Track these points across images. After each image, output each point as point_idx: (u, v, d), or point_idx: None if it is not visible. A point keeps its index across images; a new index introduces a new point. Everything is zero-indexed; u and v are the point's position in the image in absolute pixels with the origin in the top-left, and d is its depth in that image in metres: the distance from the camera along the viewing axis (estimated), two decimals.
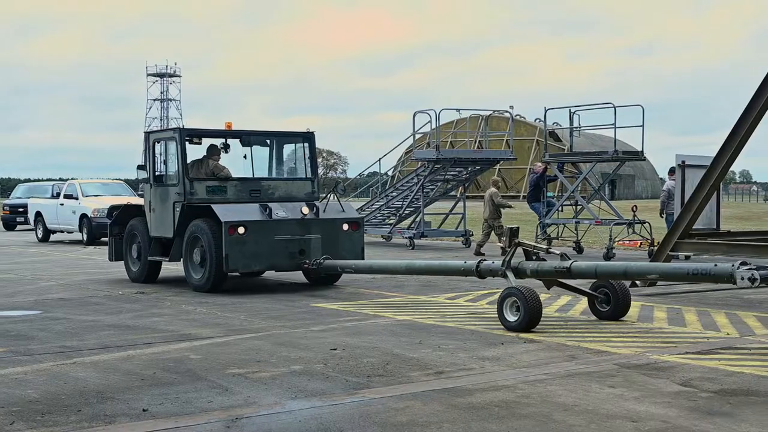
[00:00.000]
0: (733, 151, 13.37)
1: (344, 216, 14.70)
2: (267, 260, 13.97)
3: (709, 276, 9.41)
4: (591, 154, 23.52)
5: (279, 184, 15.27)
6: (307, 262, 13.98)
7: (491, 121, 34.99)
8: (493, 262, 11.27)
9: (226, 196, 14.58)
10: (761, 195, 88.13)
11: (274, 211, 14.00)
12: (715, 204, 19.16)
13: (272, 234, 13.83)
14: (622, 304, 10.66)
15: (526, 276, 10.90)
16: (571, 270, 10.49)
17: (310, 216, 14.26)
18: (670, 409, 6.43)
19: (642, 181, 69.59)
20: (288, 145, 16.10)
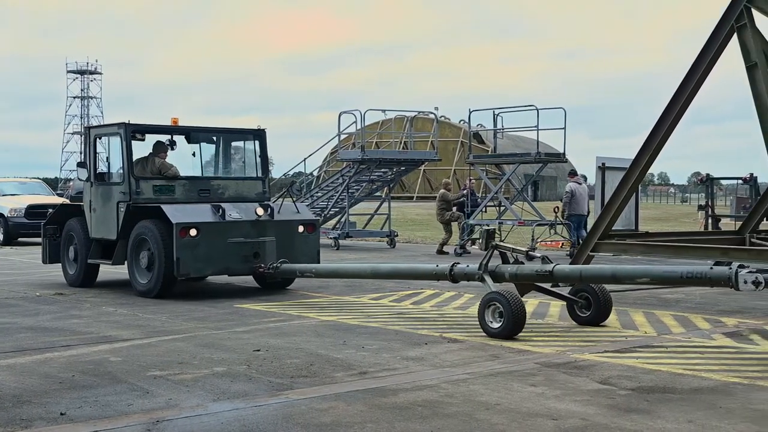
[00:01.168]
0: (651, 153, 13.66)
1: (299, 217, 14.14)
2: (220, 264, 13.26)
3: (706, 279, 8.90)
4: (514, 156, 23.81)
5: (229, 183, 14.58)
6: (263, 266, 13.36)
7: (416, 123, 35.15)
8: (468, 266, 10.70)
9: (174, 195, 13.90)
10: (678, 196, 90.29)
11: (227, 212, 13.37)
12: (633, 205, 19.57)
13: (225, 236, 13.20)
14: (604, 308, 10.32)
15: (504, 280, 10.39)
16: (554, 273, 10.00)
17: (264, 217, 13.63)
18: (590, 406, 6.54)
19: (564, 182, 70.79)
20: (236, 142, 15.47)
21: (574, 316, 10.52)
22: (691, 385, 7.24)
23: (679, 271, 9.17)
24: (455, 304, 12.37)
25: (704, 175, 29.19)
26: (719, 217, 27.85)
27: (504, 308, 9.43)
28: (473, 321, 10.80)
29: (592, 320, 10.35)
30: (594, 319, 10.34)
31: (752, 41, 12.69)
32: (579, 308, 10.47)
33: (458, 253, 21.25)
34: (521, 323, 9.45)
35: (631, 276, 9.79)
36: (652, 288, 13.38)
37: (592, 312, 10.35)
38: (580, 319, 10.45)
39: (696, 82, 13.25)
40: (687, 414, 6.32)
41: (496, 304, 9.55)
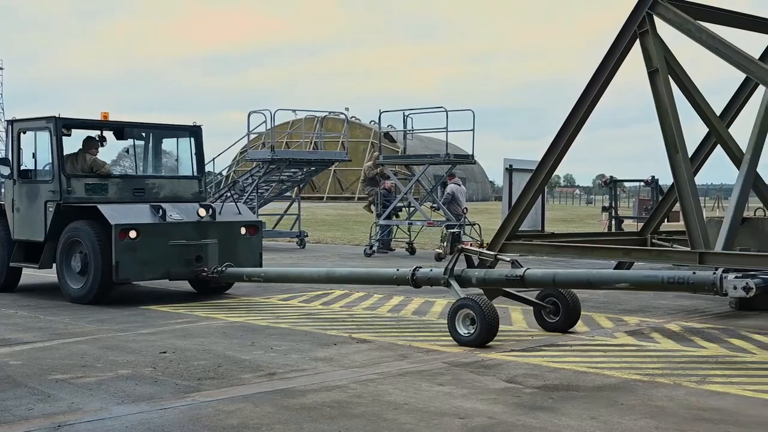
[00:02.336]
0: (556, 156, 13.89)
1: (242, 219, 13.56)
2: (161, 268, 12.53)
3: (688, 285, 8.63)
4: (423, 157, 23.96)
5: (164, 182, 13.88)
6: (206, 270, 12.69)
7: (327, 123, 35.09)
8: (432, 270, 10.31)
9: (107, 195, 13.12)
10: (583, 198, 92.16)
11: (167, 213, 12.69)
12: (540, 206, 19.92)
13: (166, 239, 12.50)
14: (573, 314, 10.00)
15: (471, 285, 10.00)
16: (525, 279, 9.61)
17: (206, 218, 12.99)
18: (496, 405, 6.63)
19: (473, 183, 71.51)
20: (171, 139, 14.69)
21: (542, 322, 10.14)
22: (595, 383, 7.40)
23: (660, 276, 8.88)
24: (364, 305, 12.39)
25: (608, 177, 29.83)
26: (622, 219, 28.48)
27: (476, 315, 9.03)
28: (382, 321, 10.84)
29: (561, 326, 9.97)
30: (562, 324, 9.97)
31: (654, 47, 13.02)
32: (547, 314, 10.10)
33: (367, 254, 21.29)
34: (494, 330, 9.09)
35: (607, 281, 9.49)
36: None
37: (560, 318, 9.99)
38: (547, 324, 10.06)
39: (600, 87, 13.52)
40: (590, 411, 6.46)
41: (466, 311, 9.13)
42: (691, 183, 12.81)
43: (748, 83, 14.56)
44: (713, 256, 12.00)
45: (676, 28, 13.05)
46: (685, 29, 12.94)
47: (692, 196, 12.66)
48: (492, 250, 14.41)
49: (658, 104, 12.98)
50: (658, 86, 12.95)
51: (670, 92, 12.96)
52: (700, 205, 12.92)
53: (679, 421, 6.20)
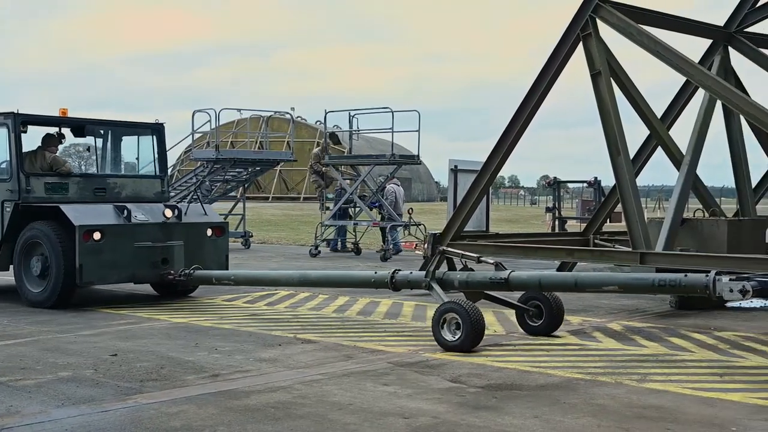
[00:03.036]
0: (501, 157, 14.01)
1: (208, 220, 13.17)
2: (126, 271, 12.14)
3: (680, 287, 8.50)
4: (369, 157, 23.97)
5: (127, 182, 13.47)
6: (173, 273, 12.34)
7: (273, 123, 34.92)
8: (411, 272, 10.13)
9: (68, 194, 12.65)
10: (528, 199, 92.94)
11: (132, 214, 12.28)
12: (485, 207, 20.03)
13: (132, 240, 12.11)
14: (557, 317, 9.77)
15: (453, 288, 9.76)
16: (510, 281, 9.39)
17: (172, 219, 12.61)
18: (440, 404, 6.66)
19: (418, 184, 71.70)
20: (131, 137, 14.22)
21: (524, 325, 9.89)
22: (538, 382, 7.47)
23: (650, 278, 8.74)
24: (309, 305, 12.36)
25: (552, 178, 30.18)
26: (565, 219, 28.81)
27: (462, 319, 8.78)
28: (327, 321, 10.83)
29: (544, 330, 9.74)
30: (546, 328, 9.74)
31: (596, 50, 13.19)
32: (530, 317, 9.85)
33: (313, 254, 21.25)
34: (481, 335, 8.87)
35: (596, 283, 9.26)
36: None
37: (544, 321, 9.75)
38: (530, 328, 9.83)
39: (544, 89, 13.66)
40: (533, 410, 6.51)
41: (452, 315, 8.87)
42: (633, 184, 13.01)
43: (688, 86, 14.83)
44: (654, 257, 12.21)
45: (619, 31, 13.24)
46: (627, 33, 13.13)
47: (633, 198, 12.86)
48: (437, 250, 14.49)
49: (600, 106, 13.15)
50: (601, 89, 13.13)
51: (613, 95, 13.15)
52: (641, 206, 13.12)
53: (620, 419, 6.28)
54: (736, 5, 15.00)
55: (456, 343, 8.78)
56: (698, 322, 10.87)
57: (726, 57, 14.93)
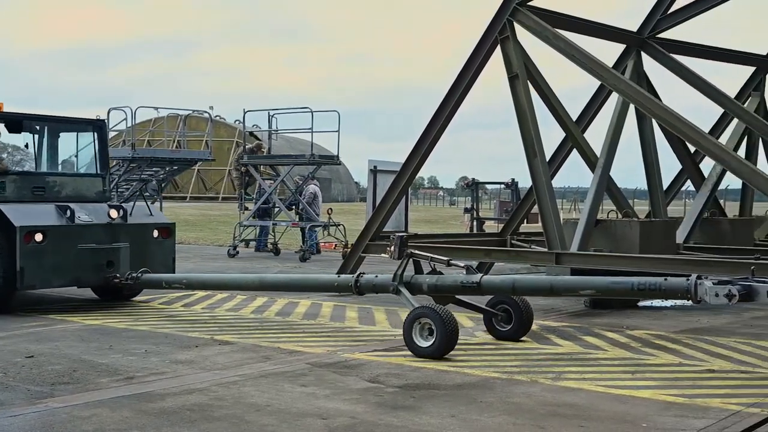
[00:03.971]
0: (420, 158, 14.10)
1: (154, 221, 12.59)
2: (70, 274, 11.54)
3: (659, 291, 8.27)
4: (288, 157, 23.87)
5: (67, 180, 12.72)
6: (118, 277, 11.73)
7: (191, 122, 34.51)
8: (377, 276, 9.77)
9: (5, 193, 11.92)
10: (447, 200, 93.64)
11: (76, 214, 11.65)
12: (404, 208, 20.12)
13: (75, 242, 11.48)
14: (526, 322, 9.54)
15: (421, 292, 9.45)
16: (482, 285, 9.11)
17: (117, 220, 12.01)
18: (359, 405, 6.66)
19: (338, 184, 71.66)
20: (67, 133, 13.57)
21: (492, 330, 9.65)
22: (455, 381, 7.53)
23: (629, 282, 8.52)
24: (227, 306, 12.24)
25: (470, 179, 30.48)
26: (483, 220, 29.13)
27: (436, 325, 8.47)
28: (245, 322, 10.75)
29: (513, 335, 9.50)
30: (515, 333, 9.51)
31: (514, 53, 13.37)
32: (498, 322, 9.61)
33: (231, 255, 21.06)
34: (455, 340, 8.59)
35: (572, 288, 9.04)
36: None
37: (513, 326, 9.52)
38: (498, 333, 9.58)
39: (462, 91, 13.80)
40: (450, 409, 6.57)
41: (425, 320, 8.58)
42: (549, 186, 13.22)
43: (603, 90, 15.13)
44: (568, 257, 12.43)
45: (535, 35, 13.45)
46: (543, 36, 13.35)
47: (549, 199, 13.08)
48: (356, 250, 14.52)
49: (517, 109, 13.34)
50: (518, 91, 13.31)
51: (529, 97, 13.35)
52: (557, 208, 13.34)
53: (536, 417, 6.37)
54: (648, 11, 15.37)
55: (430, 350, 8.46)
56: (612, 321, 11.10)
57: (639, 62, 15.29)
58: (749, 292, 7.62)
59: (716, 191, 16.84)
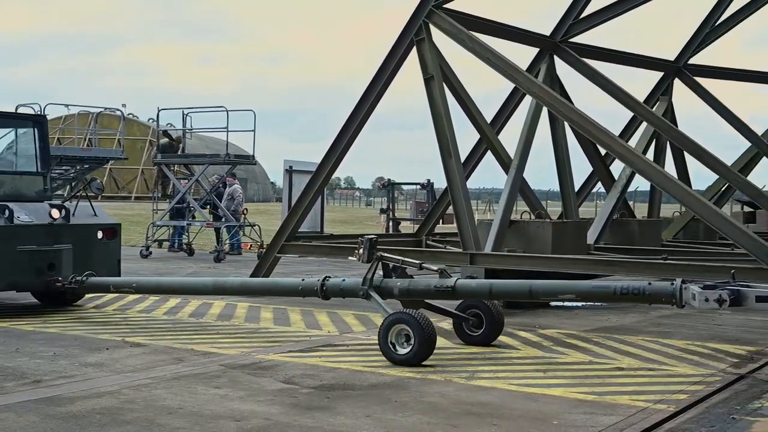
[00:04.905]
0: (336, 158, 14.10)
1: (98, 221, 11.94)
2: (7, 278, 10.82)
3: (643, 296, 8.12)
4: (203, 157, 23.62)
5: (5, 178, 12.04)
6: (61, 280, 11.08)
7: (103, 120, 33.88)
8: (344, 280, 9.43)
9: None
10: (363, 200, 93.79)
11: (15, 214, 10.98)
12: (319, 208, 20.09)
13: (14, 244, 10.79)
14: (497, 326, 9.29)
15: (392, 296, 9.14)
16: (457, 289, 8.85)
17: (59, 221, 11.36)
18: (273, 406, 6.62)
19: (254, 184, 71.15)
20: (5, 129, 12.93)
21: (462, 335, 9.39)
22: (370, 381, 7.54)
23: (612, 286, 8.33)
24: (139, 307, 12.04)
25: (386, 180, 30.63)
26: (399, 221, 29.31)
27: (414, 331, 8.18)
28: (158, 324, 10.59)
29: (484, 340, 9.27)
30: (486, 338, 9.28)
31: (429, 55, 13.47)
32: (469, 326, 9.34)
33: (143, 255, 20.74)
34: (433, 346, 8.30)
35: (552, 292, 8.86)
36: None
37: (484, 330, 9.27)
38: (469, 338, 9.34)
39: (378, 92, 13.85)
40: (365, 409, 6.57)
41: (401, 326, 8.27)
42: (463, 187, 13.36)
43: (516, 93, 15.36)
44: (483, 257, 12.58)
45: (451, 37, 13.57)
46: (459, 39, 13.48)
47: (464, 200, 13.21)
48: (272, 251, 14.45)
49: (433, 110, 13.44)
50: (434, 93, 13.42)
51: (445, 99, 13.47)
52: (471, 208, 13.48)
53: (449, 416, 6.42)
54: (561, 16, 15.65)
55: (407, 357, 8.18)
56: (524, 321, 11.25)
57: (552, 65, 15.56)
58: (737, 297, 7.53)
59: (626, 193, 17.27)
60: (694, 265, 11.78)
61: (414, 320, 8.22)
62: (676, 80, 19.11)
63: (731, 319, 11.67)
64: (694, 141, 15.26)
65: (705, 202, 12.50)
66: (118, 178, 62.67)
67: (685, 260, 12.66)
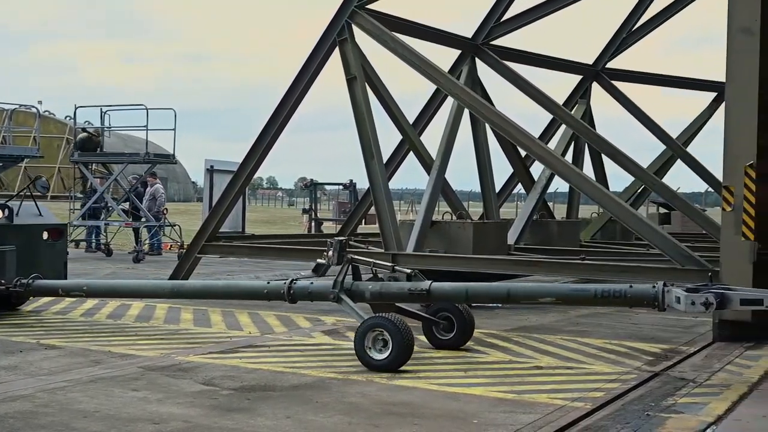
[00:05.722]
0: (257, 158, 14.00)
1: (43, 221, 11.46)
2: None
3: (624, 299, 8.01)
4: (122, 155, 23.22)
5: None
6: (3, 283, 10.46)
7: (18, 117, 33.01)
8: (312, 283, 9.16)
9: None
10: (286, 200, 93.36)
11: None
12: (241, 208, 19.94)
13: None
14: (468, 330, 9.17)
15: (364, 299, 8.91)
16: (432, 293, 8.63)
17: (2, 221, 10.89)
18: (192, 408, 6.54)
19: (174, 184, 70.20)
20: None
21: (432, 339, 9.21)
22: (291, 382, 7.51)
23: (591, 289, 8.22)
24: (55, 309, 11.77)
25: (309, 180, 30.55)
26: (322, 221, 29.26)
27: (392, 336, 7.99)
28: (74, 325, 10.39)
29: (455, 343, 9.14)
30: (457, 342, 9.14)
31: (352, 55, 13.47)
32: (439, 330, 9.20)
33: None
34: (411, 351, 8.12)
35: (531, 295, 8.69)
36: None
37: (455, 334, 9.14)
38: (439, 342, 9.18)
39: (300, 92, 13.80)
40: (286, 410, 6.54)
41: (378, 331, 8.08)
42: (386, 187, 13.39)
43: (438, 94, 15.46)
44: (405, 257, 12.62)
45: (374, 38, 13.60)
46: (381, 40, 13.51)
47: (386, 200, 13.25)
48: (192, 251, 14.29)
49: (355, 111, 13.45)
50: (356, 93, 13.42)
51: (367, 100, 13.48)
52: (393, 209, 13.53)
53: (371, 416, 6.43)
54: (482, 18, 15.81)
55: (385, 362, 7.99)
56: None
57: (473, 67, 15.71)
58: (722, 300, 7.47)
59: (545, 194, 17.53)
60: (611, 265, 12.03)
61: (393, 325, 8.04)
62: (595, 83, 19.47)
63: (647, 318, 11.93)
64: (611, 143, 15.57)
65: (621, 203, 12.76)
66: (32, 177, 61.24)
67: (602, 260, 12.91)
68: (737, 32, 9.81)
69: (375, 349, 8.12)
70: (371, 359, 8.07)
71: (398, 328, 8.03)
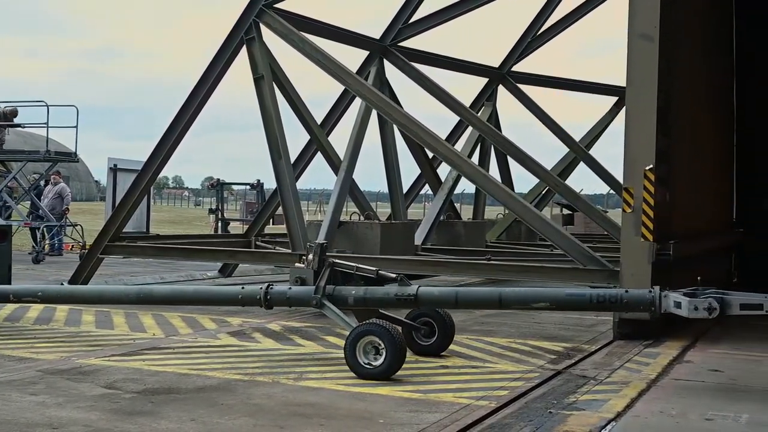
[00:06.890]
0: (162, 157, 13.79)
1: None
2: None
3: (620, 304, 7.88)
4: (21, 153, 22.57)
5: None
6: None
7: None
8: (291, 288, 8.80)
9: None
10: (192, 200, 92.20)
11: None
12: (145, 208, 19.61)
13: None
14: (449, 335, 8.90)
15: (346, 305, 8.54)
16: (419, 298, 8.32)
17: None
18: (93, 412, 6.39)
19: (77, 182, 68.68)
20: None
21: (412, 345, 8.79)
22: (196, 384, 7.41)
23: (587, 294, 8.02)
24: None
25: (216, 180, 30.24)
26: (229, 221, 28.97)
27: (386, 343, 7.74)
28: None
29: (435, 349, 8.86)
30: (438, 347, 8.87)
31: (259, 55, 13.38)
32: (420, 335, 8.89)
33: None
34: (404, 358, 7.89)
35: (524, 300, 8.35)
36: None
37: (436, 340, 8.85)
38: (419, 347, 8.85)
39: (207, 91, 13.64)
40: (190, 413, 6.45)
41: (370, 338, 7.82)
42: (293, 188, 13.35)
43: (346, 95, 15.48)
44: None
45: (282, 38, 13.54)
46: (289, 39, 13.46)
47: (294, 200, 13.20)
48: (94, 252, 13.98)
49: (263, 111, 13.38)
50: (264, 93, 13.35)
51: (275, 99, 13.42)
52: (300, 209, 13.49)
53: (276, 418, 6.39)
54: (391, 20, 15.88)
55: (378, 370, 7.74)
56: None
57: (381, 69, 15.78)
58: (722, 305, 7.37)
59: (452, 195, 17.72)
60: (516, 266, 12.23)
61: (387, 332, 7.82)
62: (501, 86, 19.75)
63: (550, 317, 12.14)
64: (516, 146, 15.82)
65: (526, 204, 12.97)
66: None
67: (507, 260, 13.11)
68: (637, 38, 10.08)
69: (367, 357, 7.87)
70: (363, 367, 7.83)
71: (393, 335, 7.82)
